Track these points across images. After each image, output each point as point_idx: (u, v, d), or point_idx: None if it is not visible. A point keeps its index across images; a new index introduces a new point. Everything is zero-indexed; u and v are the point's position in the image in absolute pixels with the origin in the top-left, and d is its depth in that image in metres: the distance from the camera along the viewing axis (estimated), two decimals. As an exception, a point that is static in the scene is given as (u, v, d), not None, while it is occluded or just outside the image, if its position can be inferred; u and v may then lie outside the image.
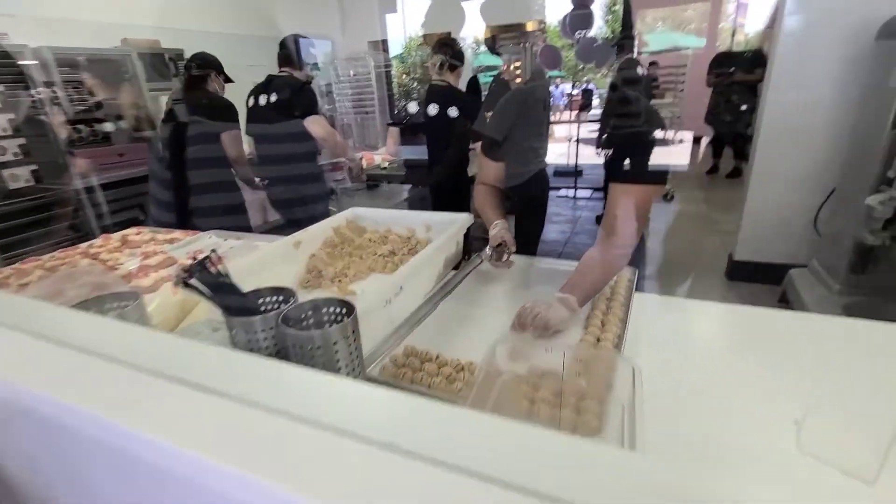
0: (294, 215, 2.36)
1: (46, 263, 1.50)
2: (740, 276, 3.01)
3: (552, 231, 4.10)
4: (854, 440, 0.62)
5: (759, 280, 2.91)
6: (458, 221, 1.26)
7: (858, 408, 0.66)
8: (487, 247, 1.23)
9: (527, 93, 1.52)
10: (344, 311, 0.76)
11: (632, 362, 0.51)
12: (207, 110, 2.19)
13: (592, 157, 5.04)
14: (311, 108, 2.27)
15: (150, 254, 1.45)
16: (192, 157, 2.16)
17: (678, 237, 4.00)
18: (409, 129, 3.12)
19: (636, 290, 1.06)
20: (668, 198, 4.97)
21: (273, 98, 2.26)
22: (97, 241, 1.69)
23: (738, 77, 4.75)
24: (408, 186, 2.72)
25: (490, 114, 1.50)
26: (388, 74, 6.52)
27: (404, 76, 8.29)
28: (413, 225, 1.43)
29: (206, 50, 2.36)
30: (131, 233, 1.75)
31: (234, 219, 2.65)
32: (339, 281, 1.23)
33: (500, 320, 1.02)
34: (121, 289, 0.95)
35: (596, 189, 5.01)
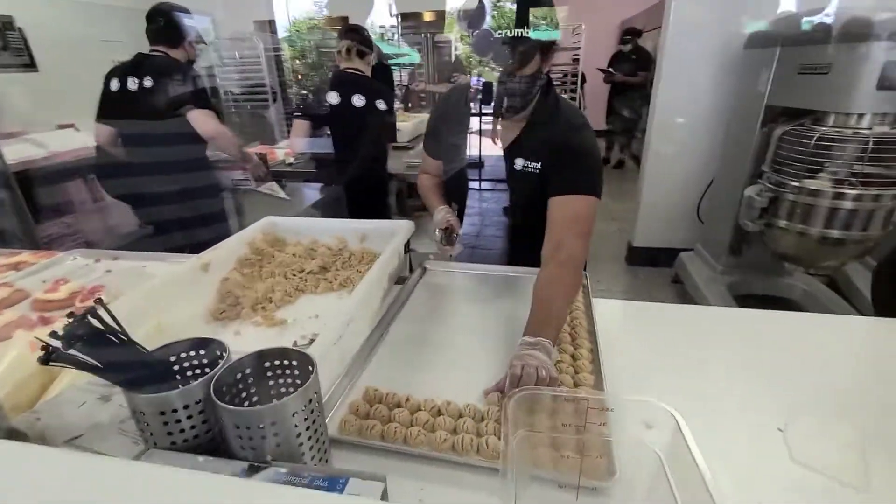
0: (177, 240, 1.97)
1: None
2: (639, 261, 3.29)
3: (464, 225, 4.11)
4: (836, 444, 0.63)
5: (655, 264, 3.21)
6: (401, 230, 1.13)
7: (836, 409, 0.69)
8: (436, 230, 1.21)
9: (454, 89, 1.44)
10: (293, 363, 0.60)
11: (670, 409, 0.46)
12: None
13: (490, 149, 5.16)
14: (198, 98, 1.88)
15: (-16, 289, 1.09)
16: None
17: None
18: (315, 121, 2.85)
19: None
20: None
21: (147, 83, 1.86)
22: None
23: (618, 78, 5.18)
24: (318, 186, 2.48)
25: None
26: (278, 59, 5.98)
27: (296, 61, 7.71)
28: (343, 234, 1.26)
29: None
30: (-49, 258, 1.31)
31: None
32: (263, 308, 1.03)
33: (464, 339, 0.92)
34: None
35: (499, 181, 5.14)
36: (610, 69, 5.23)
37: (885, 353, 0.91)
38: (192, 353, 0.61)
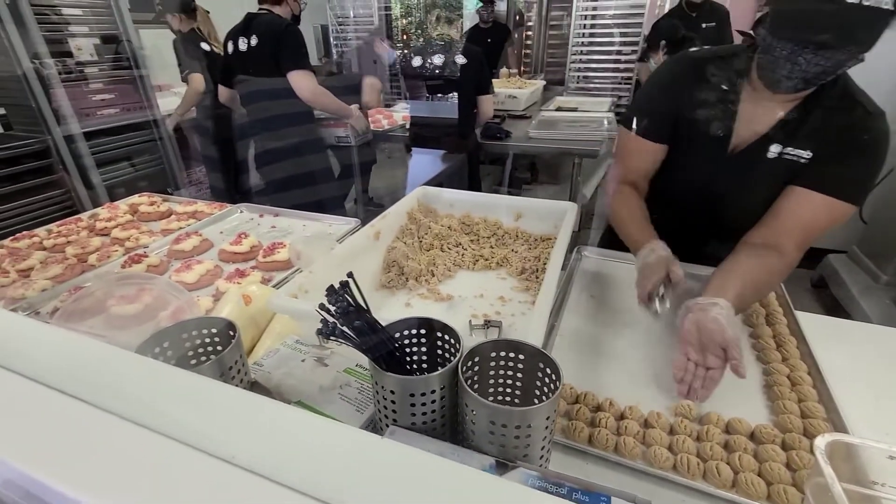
0: (292, 199, 2.04)
1: (44, 241, 1.24)
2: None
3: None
4: None
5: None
6: (569, 213, 1.06)
7: None
8: (652, 287, 0.80)
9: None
10: (519, 356, 0.58)
11: None
12: None
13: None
14: (297, 59, 1.87)
15: (180, 237, 1.20)
16: None
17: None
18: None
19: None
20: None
21: (254, 42, 1.88)
22: (102, 212, 1.42)
23: None
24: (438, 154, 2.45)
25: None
26: (388, 17, 5.99)
27: (402, 19, 7.68)
28: (494, 210, 1.22)
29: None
30: (143, 202, 1.47)
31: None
32: (427, 281, 1.03)
33: (638, 338, 0.85)
34: (194, 310, 0.73)
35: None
36: None
37: None
38: (411, 333, 0.61)
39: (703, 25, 3.04)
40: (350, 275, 0.55)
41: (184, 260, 1.10)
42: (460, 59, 2.29)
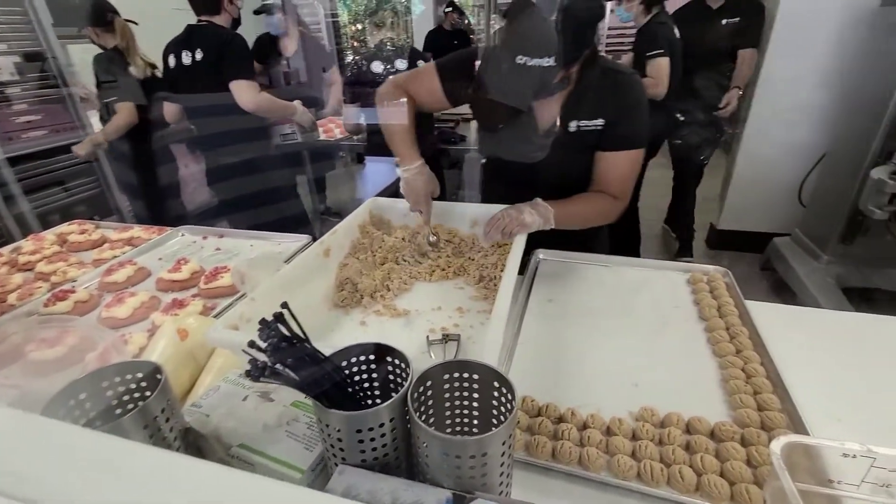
0: (249, 217, 1.95)
1: (-44, 281, 1.11)
2: (721, 245, 3.06)
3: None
4: None
5: (740, 248, 2.98)
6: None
7: None
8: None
9: None
10: (473, 376, 0.55)
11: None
12: None
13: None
14: (240, 69, 1.82)
15: (112, 267, 1.11)
16: None
17: (659, 206, 3.98)
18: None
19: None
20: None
21: (199, 56, 1.83)
22: (26, 245, 1.30)
23: None
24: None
25: None
26: (336, 24, 5.89)
27: (352, 27, 7.58)
28: (449, 218, 1.19)
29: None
30: (72, 230, 1.36)
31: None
32: (382, 296, 0.99)
33: (603, 341, 0.85)
34: (122, 351, 0.66)
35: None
36: None
37: None
38: (363, 357, 0.58)
39: (725, 21, 2.50)
40: (285, 305, 0.51)
41: (116, 293, 1.01)
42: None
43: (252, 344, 0.46)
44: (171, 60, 1.88)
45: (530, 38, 0.82)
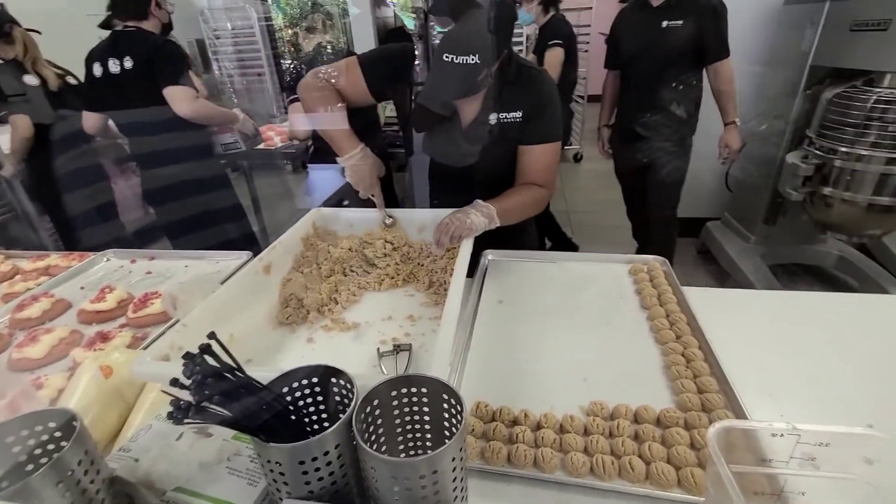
0: (193, 237, 1.83)
1: None
2: (661, 232, 3.22)
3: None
4: None
5: (680, 234, 3.14)
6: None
7: None
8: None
9: None
10: (422, 390, 0.54)
11: None
12: None
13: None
14: (174, 75, 1.72)
15: (24, 302, 1.00)
16: None
17: (592, 197, 4.13)
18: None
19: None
20: (577, 158, 5.14)
21: (128, 64, 1.71)
22: (-82, 283, 1.15)
23: None
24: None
25: None
26: (269, 27, 5.69)
27: (288, 30, 7.34)
28: (399, 224, 1.17)
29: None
30: (-25, 263, 1.22)
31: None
32: (330, 310, 0.96)
33: (556, 340, 0.86)
34: (33, 400, 0.59)
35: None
36: None
37: None
38: (301, 385, 0.55)
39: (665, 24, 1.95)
40: (212, 335, 0.47)
41: (30, 330, 0.91)
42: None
43: (175, 382, 0.42)
44: (97, 69, 1.73)
45: (458, 37, 0.85)
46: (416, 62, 1.13)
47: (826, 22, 1.98)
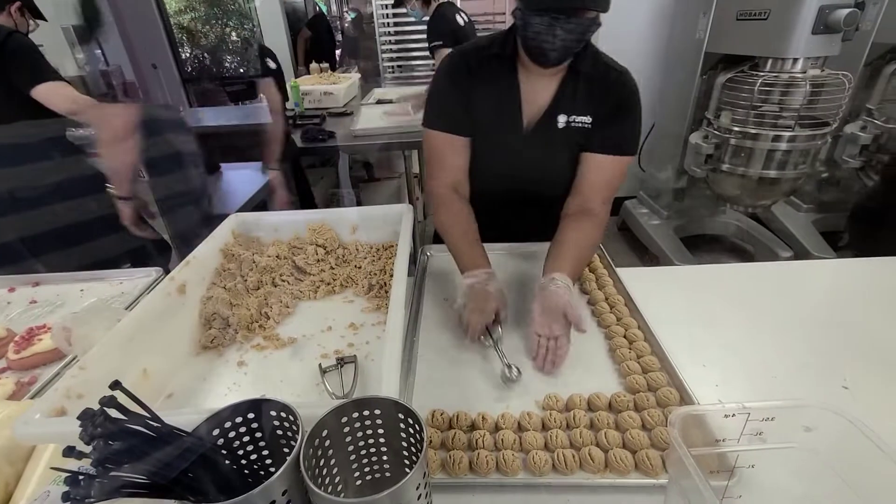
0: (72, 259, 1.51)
1: None
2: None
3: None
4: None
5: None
6: (406, 215, 0.99)
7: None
8: (472, 323, 0.79)
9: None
10: (375, 412, 0.49)
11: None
12: None
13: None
14: (39, 71, 1.40)
15: None
16: None
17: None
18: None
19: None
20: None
21: None
22: None
23: None
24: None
25: None
26: (162, 12, 5.14)
27: (182, 16, 6.68)
28: (329, 225, 1.10)
29: None
30: None
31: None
32: (261, 326, 0.87)
33: (506, 335, 0.85)
34: None
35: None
36: None
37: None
38: (233, 424, 0.48)
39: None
40: (115, 384, 0.39)
41: None
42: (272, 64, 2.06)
43: (70, 451, 0.34)
44: None
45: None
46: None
47: (716, 11, 2.15)
